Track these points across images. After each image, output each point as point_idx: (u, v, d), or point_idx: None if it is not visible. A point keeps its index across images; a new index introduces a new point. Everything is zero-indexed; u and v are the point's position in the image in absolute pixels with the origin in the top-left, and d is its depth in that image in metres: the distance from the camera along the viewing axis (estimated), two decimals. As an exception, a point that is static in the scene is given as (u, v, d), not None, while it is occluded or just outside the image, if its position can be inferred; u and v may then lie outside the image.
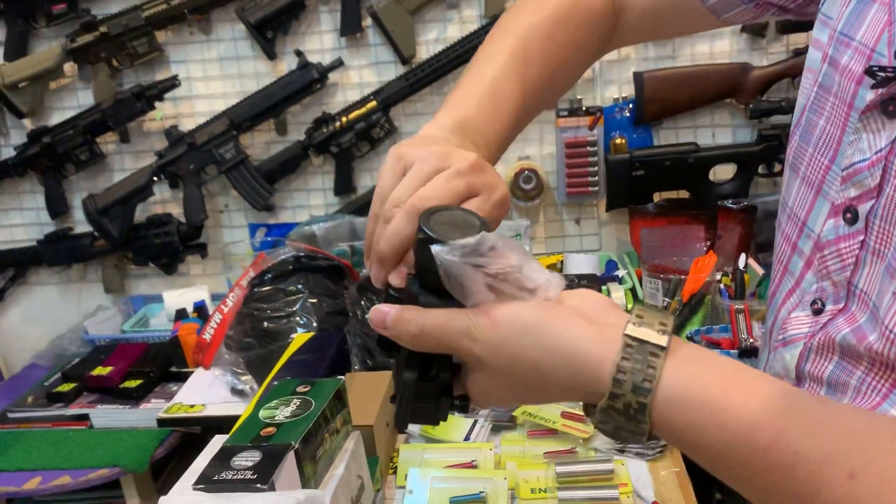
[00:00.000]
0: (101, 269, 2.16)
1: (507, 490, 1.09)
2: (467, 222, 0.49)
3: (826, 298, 0.58)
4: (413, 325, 0.49)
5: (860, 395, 0.54)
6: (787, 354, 0.61)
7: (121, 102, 1.95)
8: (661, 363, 0.45)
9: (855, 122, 0.55)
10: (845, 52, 0.57)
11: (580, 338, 0.47)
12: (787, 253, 0.63)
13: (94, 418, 1.65)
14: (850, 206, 0.55)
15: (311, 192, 2.11)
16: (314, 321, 1.52)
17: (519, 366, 0.48)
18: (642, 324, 0.46)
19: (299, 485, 0.78)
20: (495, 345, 0.48)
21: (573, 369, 0.47)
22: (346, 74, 2.01)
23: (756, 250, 1.89)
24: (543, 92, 0.72)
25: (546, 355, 0.47)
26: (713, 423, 0.44)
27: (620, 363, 0.45)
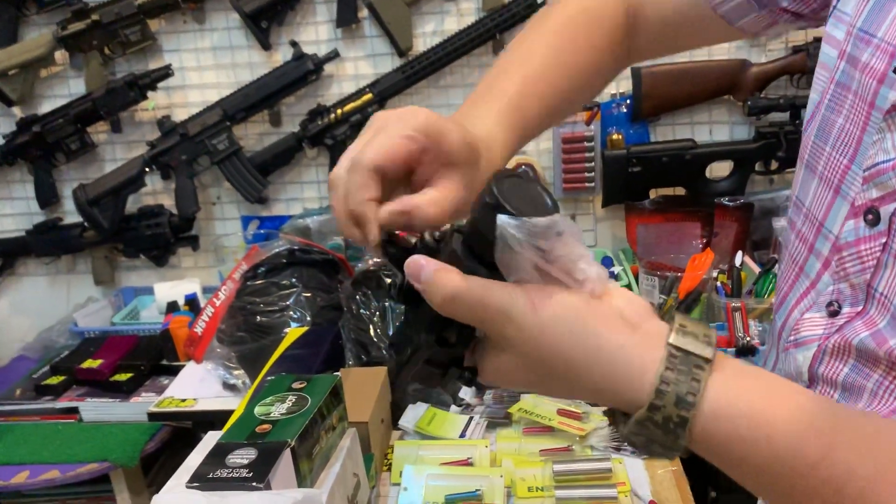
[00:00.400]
0: (90, 260, 2.14)
1: (504, 488, 1.08)
2: (537, 199, 0.46)
3: (843, 301, 0.57)
4: (449, 289, 0.46)
5: (877, 399, 0.53)
6: (800, 356, 0.60)
7: (113, 91, 1.92)
8: (706, 376, 0.43)
9: (879, 122, 0.53)
10: (865, 49, 0.56)
11: (624, 346, 0.44)
12: (803, 254, 0.62)
13: (83, 412, 1.63)
14: (872, 207, 0.54)
15: (304, 185, 2.09)
16: (308, 315, 1.51)
17: (552, 357, 0.46)
18: (686, 334, 0.44)
19: (295, 483, 0.77)
20: (533, 331, 0.45)
21: (611, 375, 0.44)
22: (342, 66, 1.99)
23: (752, 248, 1.89)
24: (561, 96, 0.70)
25: (585, 355, 0.45)
26: (760, 436, 0.42)
27: (664, 373, 0.43)
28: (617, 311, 0.45)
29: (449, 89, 1.98)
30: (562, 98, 0.70)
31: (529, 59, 0.69)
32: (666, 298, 1.64)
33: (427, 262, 0.48)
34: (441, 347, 0.50)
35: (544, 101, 0.68)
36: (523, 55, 0.70)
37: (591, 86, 0.75)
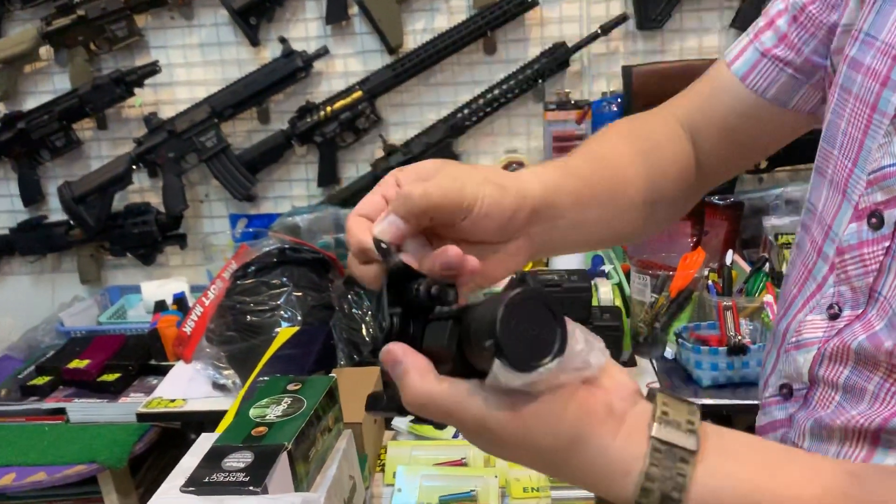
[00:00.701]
0: (76, 258, 2.11)
1: (498, 488, 1.08)
2: (546, 335, 0.42)
3: (843, 304, 0.57)
4: (419, 396, 0.45)
5: (878, 401, 0.53)
6: (801, 358, 0.60)
7: (99, 88, 1.90)
8: (690, 469, 0.42)
9: (886, 126, 0.53)
10: (868, 52, 0.56)
11: (608, 447, 0.43)
12: (812, 257, 0.62)
13: (70, 412, 1.61)
14: (876, 210, 0.54)
15: (293, 183, 2.08)
16: (299, 315, 1.50)
17: (532, 455, 0.45)
18: (668, 423, 0.43)
19: (292, 486, 0.76)
20: (514, 437, 0.44)
21: (595, 474, 0.44)
22: (332, 63, 1.97)
23: (741, 246, 1.90)
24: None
25: (567, 456, 0.44)
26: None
27: (649, 470, 0.42)
28: (605, 405, 0.44)
29: (439, 87, 1.97)
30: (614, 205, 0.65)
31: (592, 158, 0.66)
32: (657, 297, 1.64)
33: (403, 354, 0.46)
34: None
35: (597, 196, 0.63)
36: (588, 153, 0.66)
37: (646, 207, 0.68)
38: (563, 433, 0.43)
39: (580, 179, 0.60)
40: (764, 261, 1.65)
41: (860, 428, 0.54)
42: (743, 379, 1.42)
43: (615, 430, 0.44)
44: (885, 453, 0.53)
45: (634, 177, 0.66)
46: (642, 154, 0.67)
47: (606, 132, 0.71)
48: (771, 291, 1.53)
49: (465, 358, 0.45)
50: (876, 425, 0.53)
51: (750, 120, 0.71)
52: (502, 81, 1.89)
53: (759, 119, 0.71)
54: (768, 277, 1.59)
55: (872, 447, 0.54)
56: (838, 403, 0.57)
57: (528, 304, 0.42)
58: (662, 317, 1.60)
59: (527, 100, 1.95)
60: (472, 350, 0.44)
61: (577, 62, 1.92)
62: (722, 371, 1.42)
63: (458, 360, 0.45)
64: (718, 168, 0.75)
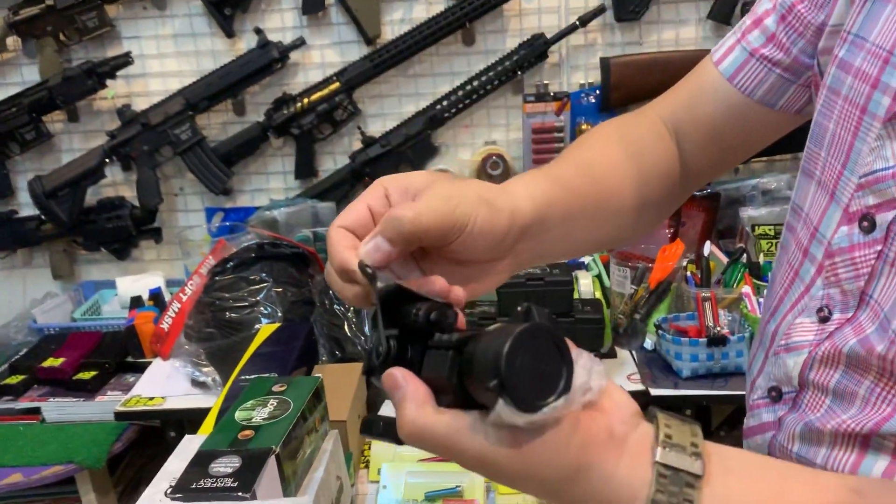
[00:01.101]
0: (48, 254, 2.07)
1: (484, 484, 1.08)
2: (552, 371, 0.41)
3: (833, 306, 0.57)
4: (415, 428, 0.43)
5: (869, 406, 0.53)
6: (791, 361, 0.60)
7: (70, 80, 1.86)
8: (696, 494, 0.42)
9: (877, 129, 0.53)
10: (858, 53, 0.56)
11: (613, 475, 0.43)
12: (798, 258, 0.62)
13: (45, 412, 1.59)
14: (868, 214, 0.54)
15: (270, 176, 2.06)
16: (279, 311, 1.48)
17: (535, 487, 0.44)
18: (672, 446, 0.43)
19: (280, 491, 0.75)
20: (516, 471, 0.43)
21: (602, 502, 0.43)
22: (308, 54, 1.95)
23: (718, 237, 1.91)
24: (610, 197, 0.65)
25: (572, 488, 0.43)
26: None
27: (655, 496, 0.41)
28: (606, 430, 0.43)
29: (418, 78, 1.96)
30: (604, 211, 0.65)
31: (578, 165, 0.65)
32: (637, 288, 1.65)
33: (404, 381, 0.44)
34: None
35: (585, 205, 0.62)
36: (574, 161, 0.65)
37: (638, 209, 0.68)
38: (567, 465, 0.42)
39: (569, 191, 0.60)
40: (741, 251, 1.67)
41: (850, 432, 0.54)
42: (723, 369, 1.43)
43: (618, 457, 0.43)
44: (875, 457, 0.54)
45: (622, 183, 0.65)
46: (629, 159, 0.67)
47: (592, 135, 0.70)
48: (749, 282, 1.55)
49: (465, 389, 0.44)
50: (867, 430, 0.53)
51: (736, 120, 0.71)
52: (481, 73, 1.89)
53: (746, 120, 0.70)
54: (746, 268, 1.61)
55: (862, 451, 0.54)
56: (828, 407, 0.57)
57: (534, 341, 0.41)
58: (642, 308, 1.61)
59: (505, 91, 1.94)
60: (473, 385, 0.43)
61: (555, 54, 1.91)
62: (702, 362, 1.43)
63: (459, 392, 0.44)
64: (703, 169, 0.75)
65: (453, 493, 1.07)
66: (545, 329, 0.41)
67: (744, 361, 1.44)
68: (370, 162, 1.94)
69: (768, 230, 1.77)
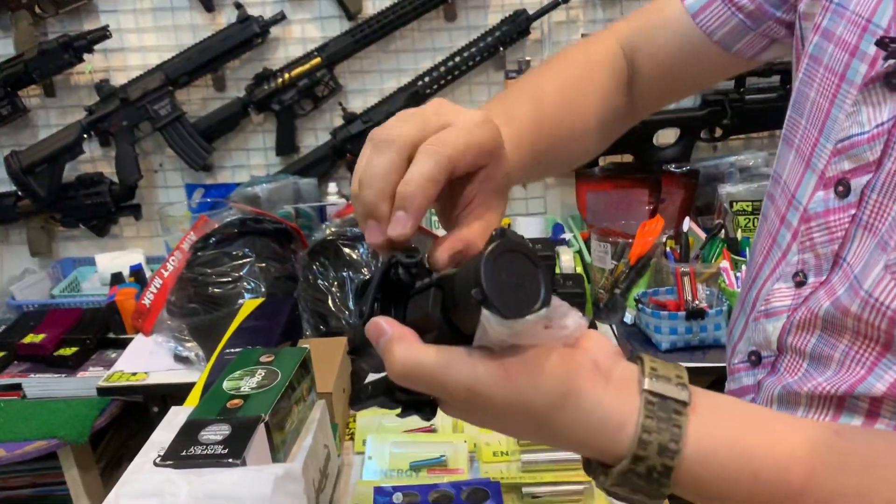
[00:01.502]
0: (25, 230, 2.05)
1: (468, 453, 1.09)
2: (530, 285, 0.41)
3: (808, 271, 0.59)
4: (404, 365, 0.43)
5: (843, 368, 0.55)
6: (770, 326, 0.61)
7: (46, 53, 1.83)
8: (685, 420, 0.42)
9: (853, 95, 0.55)
10: (839, 22, 0.57)
11: (601, 401, 0.43)
12: (776, 225, 0.63)
13: (27, 388, 1.58)
14: (843, 179, 0.55)
15: (251, 152, 2.05)
16: (262, 286, 1.48)
17: (526, 419, 0.43)
18: (658, 377, 0.44)
19: (270, 458, 0.76)
20: (506, 400, 0.42)
21: (590, 431, 0.43)
22: (289, 29, 1.93)
23: (696, 214, 1.94)
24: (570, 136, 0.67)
25: (562, 416, 0.43)
26: (745, 472, 0.43)
27: (644, 422, 0.42)
28: (591, 361, 0.43)
29: (399, 54, 1.95)
30: (570, 139, 0.67)
31: (540, 96, 0.65)
32: (617, 264, 1.67)
33: (388, 325, 0.44)
34: (406, 394, 0.47)
35: (553, 139, 0.64)
36: (533, 92, 0.66)
37: (598, 129, 0.71)
38: (554, 389, 0.42)
39: (541, 134, 0.61)
40: (719, 227, 1.69)
41: (826, 394, 0.56)
42: (701, 342, 1.46)
43: (605, 385, 0.43)
44: (849, 418, 0.56)
45: (574, 114, 0.67)
46: (582, 88, 0.69)
47: (552, 64, 0.72)
48: (727, 257, 1.57)
49: (450, 324, 0.44)
50: (842, 392, 0.55)
51: (691, 57, 0.72)
52: (463, 49, 1.89)
53: (700, 58, 0.72)
54: (724, 243, 1.64)
55: (837, 412, 0.56)
56: (805, 370, 0.59)
57: (509, 256, 0.41)
58: (622, 283, 1.63)
59: (487, 68, 1.94)
60: (457, 311, 0.43)
61: (537, 30, 1.91)
62: (680, 335, 1.46)
63: (444, 327, 0.44)
64: (648, 100, 0.76)
65: (438, 463, 1.08)
66: (519, 244, 0.42)
67: (722, 334, 1.47)
68: (352, 138, 1.93)
69: (746, 206, 1.80)
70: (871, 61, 0.53)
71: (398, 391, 0.47)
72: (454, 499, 0.89)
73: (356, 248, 1.41)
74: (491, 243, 0.42)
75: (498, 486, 0.89)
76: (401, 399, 0.48)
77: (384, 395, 0.47)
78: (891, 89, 0.52)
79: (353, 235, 1.44)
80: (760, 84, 1.89)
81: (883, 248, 0.51)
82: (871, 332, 0.53)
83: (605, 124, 0.71)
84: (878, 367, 0.53)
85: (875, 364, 0.53)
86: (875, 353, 0.53)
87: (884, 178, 0.52)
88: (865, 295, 0.52)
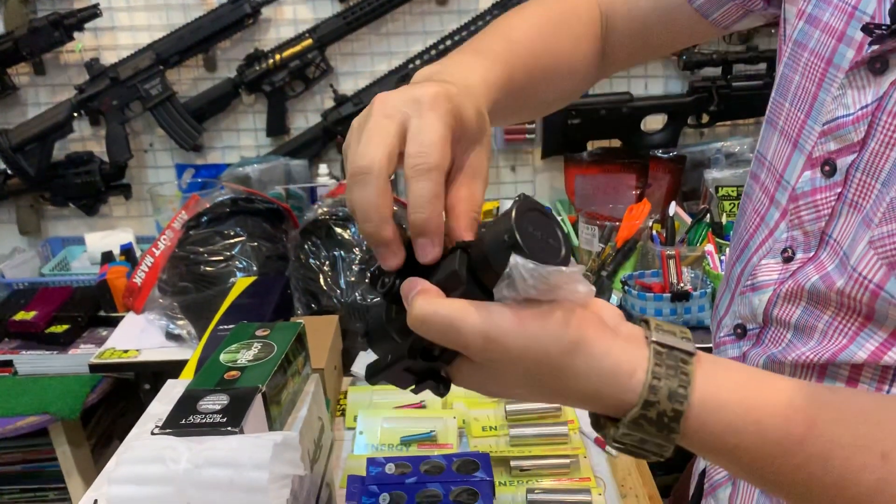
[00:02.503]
0: (15, 209, 2.04)
1: (457, 428, 1.12)
2: (552, 243, 0.44)
3: (797, 247, 0.61)
4: (425, 308, 0.44)
5: (826, 338, 0.58)
6: (756, 299, 0.64)
7: (36, 31, 1.82)
8: (692, 368, 0.44)
9: (840, 78, 0.57)
10: (826, 9, 0.59)
11: (611, 349, 0.44)
12: (765, 204, 0.66)
13: (18, 364, 1.59)
14: (829, 159, 0.57)
15: (241, 133, 2.05)
16: (254, 265, 1.50)
17: (539, 369, 0.44)
18: (664, 332, 0.46)
19: (266, 427, 0.78)
20: (519, 348, 0.43)
21: (601, 379, 0.44)
22: (280, 10, 1.94)
23: (682, 199, 1.97)
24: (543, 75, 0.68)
25: (574, 363, 0.44)
26: (749, 421, 0.44)
27: (654, 369, 0.43)
28: (598, 318, 0.45)
29: (390, 36, 1.96)
30: (543, 77, 0.68)
31: (512, 36, 0.66)
32: (604, 247, 1.69)
33: (416, 282, 0.46)
34: (425, 361, 0.49)
35: (528, 74, 0.65)
36: (506, 33, 0.67)
37: (570, 74, 0.72)
38: (567, 336, 0.43)
39: (515, 69, 0.62)
40: (705, 212, 1.72)
41: (809, 363, 0.59)
42: (686, 324, 1.49)
43: (613, 336, 0.45)
44: (831, 384, 0.58)
45: (547, 57, 0.68)
46: (556, 34, 0.70)
47: (524, 8, 0.72)
48: (712, 241, 1.60)
49: (476, 281, 0.45)
50: (824, 360, 0.57)
51: (669, 22, 0.74)
52: (454, 32, 1.90)
53: (677, 23, 0.74)
54: (709, 227, 1.67)
55: (819, 379, 0.59)
56: (789, 341, 0.61)
57: (534, 213, 0.44)
58: (609, 266, 1.66)
59: (478, 52, 1.95)
60: (483, 267, 0.45)
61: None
62: (665, 316, 1.49)
63: (469, 283, 0.45)
64: (620, 58, 0.78)
65: (427, 438, 1.10)
66: (540, 205, 0.45)
67: (705, 315, 1.50)
68: (342, 120, 1.94)
69: (731, 191, 1.83)
70: (858, 46, 0.56)
71: (418, 355, 0.48)
72: (445, 470, 0.91)
73: (347, 228, 1.42)
74: (514, 205, 0.44)
75: (487, 457, 0.91)
76: (417, 368, 0.50)
77: (407, 357, 0.49)
78: (874, 73, 0.54)
79: (345, 215, 1.45)
80: (747, 71, 1.91)
81: (867, 224, 0.53)
82: (853, 305, 0.55)
83: (577, 72, 0.73)
84: (860, 336, 0.55)
85: (857, 334, 0.56)
86: (857, 324, 0.56)
87: (867, 157, 0.54)
88: (851, 270, 0.54)
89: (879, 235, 0.52)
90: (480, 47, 0.63)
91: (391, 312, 0.52)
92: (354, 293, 1.38)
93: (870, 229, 0.53)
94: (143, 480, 0.69)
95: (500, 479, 0.99)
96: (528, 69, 0.65)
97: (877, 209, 0.53)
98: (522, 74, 0.64)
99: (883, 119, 0.53)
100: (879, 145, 0.53)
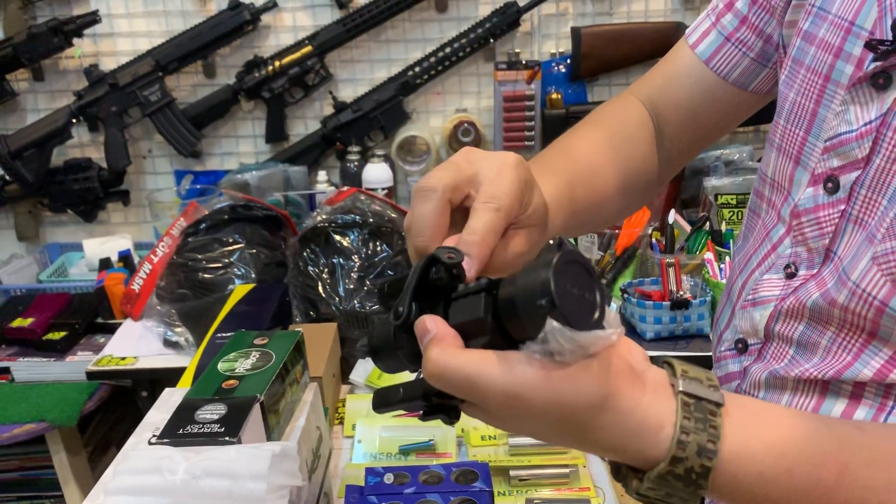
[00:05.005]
0: (13, 215, 2.04)
1: (456, 437, 1.11)
2: (589, 299, 0.42)
3: (800, 263, 0.60)
4: (443, 361, 0.42)
5: (830, 355, 0.57)
6: (757, 314, 0.63)
7: (35, 37, 1.82)
8: (721, 421, 0.43)
9: (841, 94, 0.57)
10: (821, 25, 0.59)
11: (640, 403, 0.43)
12: (773, 219, 0.65)
13: (15, 372, 1.58)
14: (832, 175, 0.57)
15: (240, 139, 2.05)
16: (252, 272, 1.49)
17: (565, 423, 0.43)
18: (691, 380, 0.44)
19: (264, 437, 0.77)
20: (546, 403, 0.41)
21: (628, 433, 0.43)
22: (280, 17, 1.94)
23: (681, 206, 1.97)
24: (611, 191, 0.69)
25: (602, 417, 0.42)
26: (780, 471, 0.43)
27: (682, 423, 0.42)
28: (628, 365, 0.43)
29: (390, 44, 1.96)
30: (605, 195, 0.68)
31: (573, 155, 0.67)
32: (603, 254, 1.69)
33: (434, 324, 0.44)
34: (439, 399, 0.46)
35: (590, 191, 0.66)
36: (567, 152, 0.68)
37: (632, 188, 0.73)
38: (596, 391, 0.41)
39: (567, 192, 0.62)
40: (704, 220, 1.72)
41: (812, 379, 0.58)
42: (685, 332, 1.49)
43: (642, 388, 0.43)
44: (833, 401, 0.58)
45: (609, 170, 0.69)
46: (615, 150, 0.70)
47: (579, 127, 0.73)
48: (711, 249, 1.60)
49: (502, 330, 0.43)
50: (828, 377, 0.57)
51: (711, 102, 0.74)
52: (453, 40, 1.90)
53: (720, 101, 0.74)
54: (708, 235, 1.66)
55: (822, 396, 0.58)
56: (792, 357, 0.60)
57: (572, 266, 0.41)
58: (608, 273, 1.65)
59: (477, 59, 1.96)
60: (513, 319, 0.42)
61: (527, 22, 1.93)
62: (665, 324, 1.49)
63: (495, 332, 0.43)
64: (681, 151, 0.78)
65: (426, 447, 1.10)
66: (578, 254, 0.42)
67: (705, 324, 1.49)
68: (341, 127, 1.94)
69: (730, 199, 1.82)
70: (858, 62, 0.55)
71: (434, 396, 0.46)
72: (444, 480, 0.90)
73: (346, 236, 1.42)
74: (551, 253, 0.41)
75: (486, 467, 0.91)
76: (429, 404, 0.47)
77: (420, 399, 0.47)
78: (878, 89, 0.54)
79: (344, 223, 1.45)
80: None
81: (871, 241, 0.53)
82: (857, 322, 0.55)
83: (630, 192, 0.73)
84: (865, 353, 0.55)
85: (861, 351, 0.55)
86: (861, 341, 0.55)
87: (872, 174, 0.54)
88: (853, 286, 0.54)
89: (883, 251, 0.52)
90: (543, 167, 0.63)
91: (401, 339, 0.49)
92: (353, 301, 1.37)
93: (873, 245, 0.52)
94: (140, 491, 0.69)
95: (500, 488, 0.98)
96: (589, 186, 0.66)
97: (881, 225, 0.53)
98: (583, 191, 0.65)
99: (888, 135, 0.53)
100: (885, 161, 0.53)
